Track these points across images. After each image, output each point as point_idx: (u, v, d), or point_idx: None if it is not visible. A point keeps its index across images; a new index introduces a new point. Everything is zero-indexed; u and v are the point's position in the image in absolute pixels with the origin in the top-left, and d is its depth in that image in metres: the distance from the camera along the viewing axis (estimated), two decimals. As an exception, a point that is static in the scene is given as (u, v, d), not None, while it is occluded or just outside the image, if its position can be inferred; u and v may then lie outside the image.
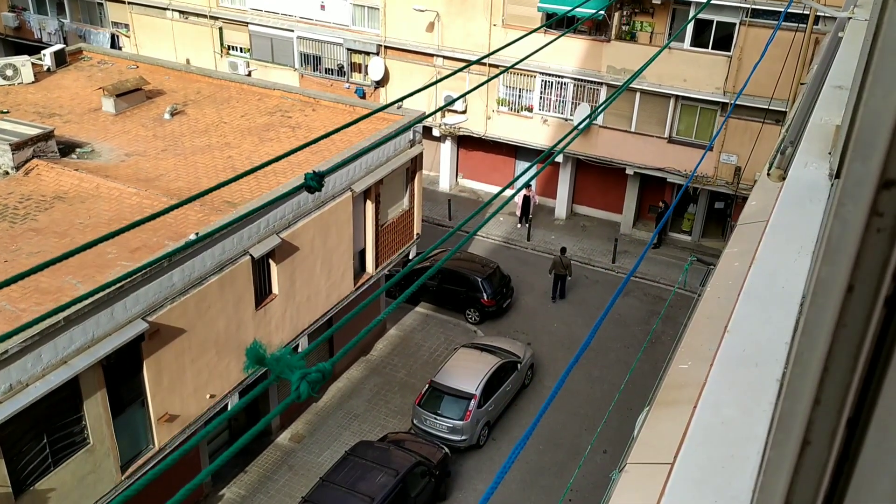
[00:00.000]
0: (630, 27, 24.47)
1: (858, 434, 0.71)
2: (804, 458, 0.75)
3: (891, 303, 0.66)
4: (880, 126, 0.60)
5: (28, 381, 11.62)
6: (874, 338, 0.68)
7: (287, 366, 1.49)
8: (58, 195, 15.78)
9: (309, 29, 28.23)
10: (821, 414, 0.73)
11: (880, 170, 0.63)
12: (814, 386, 0.72)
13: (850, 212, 0.64)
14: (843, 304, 0.68)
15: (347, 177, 17.67)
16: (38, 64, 21.90)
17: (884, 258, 0.65)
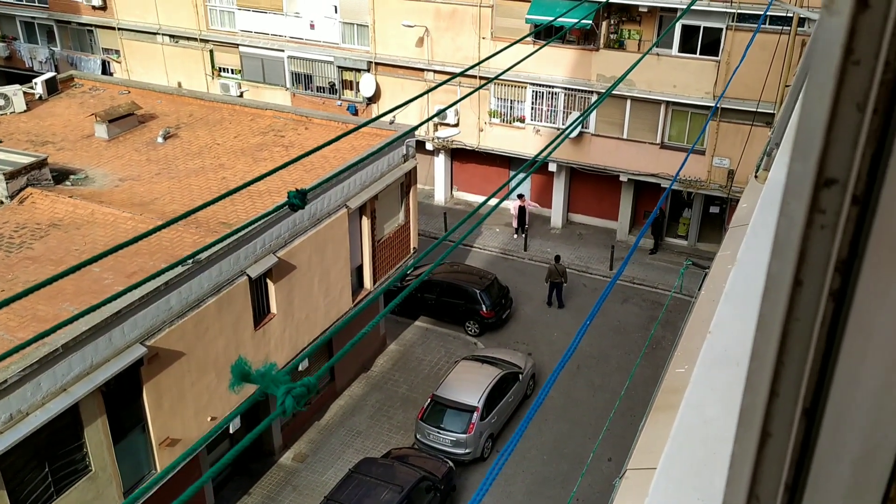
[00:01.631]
0: (618, 35, 24.64)
1: (816, 424, 0.74)
2: (766, 451, 0.77)
3: (837, 296, 0.69)
4: (816, 127, 0.63)
5: (28, 409, 11.58)
6: (825, 330, 0.70)
7: (272, 381, 1.51)
8: (53, 223, 15.80)
9: (299, 48, 28.38)
10: (780, 406, 0.75)
11: (820, 169, 0.65)
12: (771, 379, 0.74)
13: (795, 209, 0.67)
14: (794, 299, 0.70)
15: (342, 193, 17.71)
16: (30, 92, 21.99)
17: (828, 253, 0.67)
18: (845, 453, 0.73)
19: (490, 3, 25.36)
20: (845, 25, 0.60)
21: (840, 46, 0.61)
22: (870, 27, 0.60)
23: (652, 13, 23.73)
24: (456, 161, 28.95)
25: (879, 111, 0.62)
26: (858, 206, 0.65)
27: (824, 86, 0.62)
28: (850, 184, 0.65)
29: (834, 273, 0.68)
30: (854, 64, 0.62)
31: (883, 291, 0.66)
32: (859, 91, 0.62)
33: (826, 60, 0.61)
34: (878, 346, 0.68)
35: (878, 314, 0.67)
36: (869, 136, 0.63)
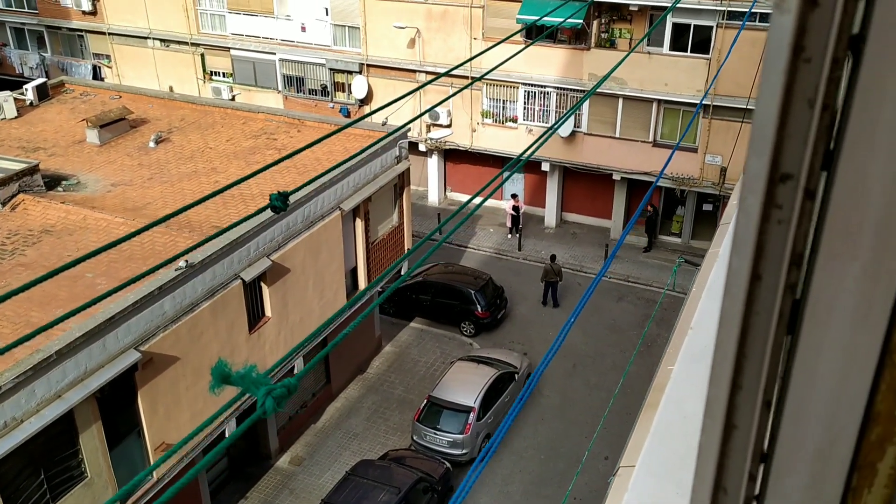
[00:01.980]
0: (609, 34, 24.69)
1: (778, 415, 0.75)
2: (731, 442, 0.78)
3: (795, 289, 0.70)
4: (769, 123, 0.65)
5: (22, 417, 11.55)
6: (784, 323, 0.72)
7: (252, 382, 1.52)
8: (45, 229, 15.76)
9: (291, 51, 28.36)
10: (743, 399, 0.76)
11: (775, 164, 0.67)
12: (734, 372, 0.76)
13: (752, 205, 0.68)
14: (753, 293, 0.71)
15: (336, 196, 17.71)
16: (21, 98, 21.91)
17: (785, 247, 0.69)
18: (807, 444, 0.74)
19: (481, 4, 25.39)
20: (795, 24, 0.61)
21: (790, 44, 0.62)
22: (819, 25, 0.61)
23: (642, 12, 23.79)
24: (449, 162, 28.97)
25: (830, 107, 0.63)
26: (812, 200, 0.67)
27: (776, 83, 0.63)
28: (806, 179, 0.66)
29: (791, 267, 0.70)
30: (805, 62, 0.63)
31: (837, 284, 0.67)
32: (810, 88, 0.63)
33: (777, 58, 0.63)
34: (835, 338, 0.69)
35: (834, 307, 0.68)
36: (821, 132, 0.64)
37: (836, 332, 0.69)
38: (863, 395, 0.70)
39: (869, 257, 0.65)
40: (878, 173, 0.62)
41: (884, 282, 0.65)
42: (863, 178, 0.63)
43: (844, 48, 0.61)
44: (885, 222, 0.63)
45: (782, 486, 0.77)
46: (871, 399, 0.71)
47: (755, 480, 0.79)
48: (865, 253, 0.65)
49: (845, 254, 0.66)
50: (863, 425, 0.72)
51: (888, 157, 0.61)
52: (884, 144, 0.61)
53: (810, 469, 0.75)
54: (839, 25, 0.61)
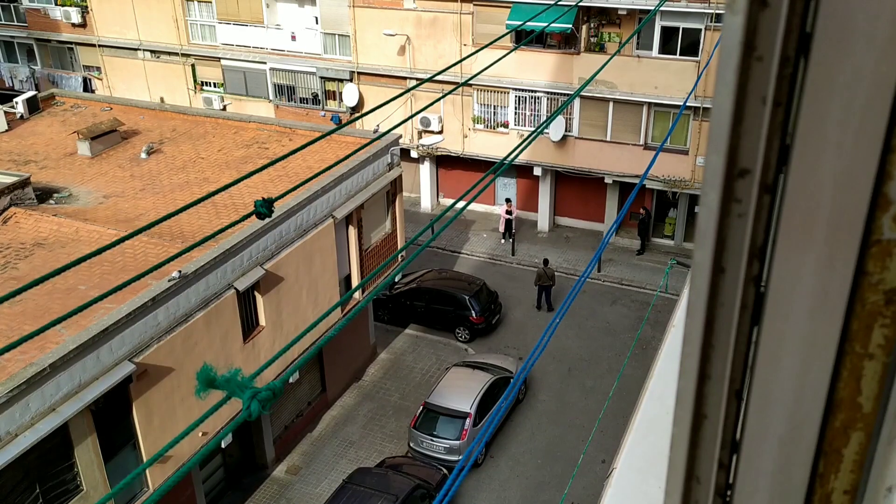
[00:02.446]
0: (598, 39, 24.81)
1: (746, 404, 0.77)
2: (702, 432, 0.80)
3: (757, 281, 0.72)
4: (725, 121, 0.67)
5: (17, 431, 11.50)
6: (748, 314, 0.74)
7: (237, 386, 1.53)
8: (37, 242, 15.72)
9: (281, 60, 28.39)
10: (712, 388, 0.79)
11: (733, 160, 0.69)
12: (702, 363, 0.78)
13: (713, 199, 0.70)
14: (717, 285, 0.73)
15: (328, 203, 17.72)
16: (11, 112, 21.89)
17: (746, 240, 0.71)
18: (773, 432, 0.76)
19: (470, 10, 25.49)
20: (746, 24, 0.64)
21: (742, 44, 0.64)
22: (769, 25, 0.64)
23: (631, 16, 23.91)
24: (441, 168, 29.01)
25: (783, 104, 0.66)
26: (770, 194, 0.69)
27: (729, 82, 0.65)
28: (762, 173, 0.68)
29: (753, 259, 0.72)
30: (757, 60, 0.65)
31: (795, 275, 0.69)
32: (763, 86, 0.65)
33: (730, 57, 0.65)
34: (795, 328, 0.71)
35: (793, 297, 0.70)
36: (775, 128, 0.67)
37: (796, 322, 0.71)
38: (824, 383, 0.72)
39: (823, 249, 0.67)
40: (829, 167, 0.64)
41: (839, 273, 0.68)
42: (815, 173, 0.65)
43: (794, 46, 0.64)
44: (836, 215, 0.66)
45: (752, 473, 0.79)
46: (833, 387, 0.73)
47: (726, 469, 0.81)
48: (820, 245, 0.67)
49: (802, 246, 0.68)
50: (826, 413, 0.74)
51: (838, 151, 0.64)
52: (833, 139, 0.63)
53: (777, 456, 0.77)
54: (788, 25, 0.63)
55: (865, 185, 0.64)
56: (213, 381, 1.52)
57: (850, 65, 0.61)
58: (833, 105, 0.63)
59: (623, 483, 1.49)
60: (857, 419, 0.74)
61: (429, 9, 25.93)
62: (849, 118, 0.62)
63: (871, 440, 0.73)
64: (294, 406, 18.97)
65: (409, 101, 25.71)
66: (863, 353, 0.71)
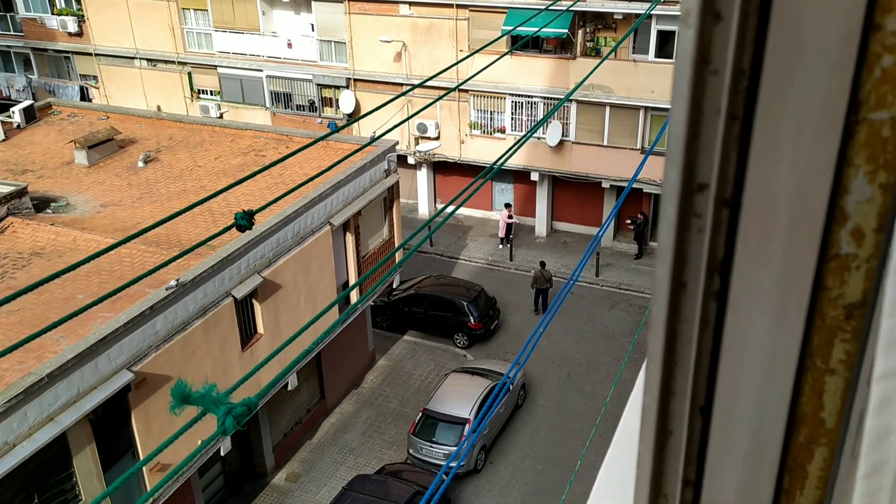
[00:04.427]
0: (594, 43, 24.86)
1: (709, 419, 0.76)
2: (668, 448, 0.80)
3: (720, 297, 0.71)
4: (681, 135, 0.66)
5: (15, 441, 11.46)
6: (710, 329, 0.73)
7: (213, 402, 1.52)
8: (35, 251, 15.71)
9: (277, 67, 28.43)
10: (677, 404, 0.78)
11: (690, 174, 0.68)
12: (666, 379, 0.77)
13: (672, 214, 0.69)
14: (679, 301, 0.73)
15: (325, 210, 17.72)
16: (8, 121, 21.89)
17: (707, 255, 0.70)
18: (736, 449, 0.75)
19: (466, 16, 25.54)
20: (700, 37, 0.63)
21: (697, 58, 0.64)
22: (723, 38, 0.63)
23: (627, 20, 23.96)
24: (438, 174, 29.03)
25: (739, 118, 0.65)
26: (729, 208, 0.68)
27: (685, 96, 0.65)
28: (719, 188, 0.68)
29: (713, 274, 0.71)
30: (713, 74, 0.65)
31: (755, 290, 0.68)
32: (719, 99, 0.65)
33: (685, 71, 0.64)
34: (756, 343, 0.70)
35: (753, 313, 0.69)
36: (732, 142, 0.66)
37: (757, 338, 0.70)
38: (786, 398, 0.71)
39: (782, 264, 0.66)
40: (784, 182, 0.64)
41: (797, 288, 0.67)
42: (771, 187, 0.64)
43: (749, 60, 0.63)
44: (793, 230, 0.65)
45: (717, 489, 0.79)
46: (796, 402, 0.72)
47: (693, 485, 0.81)
48: (778, 260, 0.66)
49: (760, 261, 0.67)
50: (790, 428, 0.73)
51: (792, 166, 0.63)
52: (788, 154, 0.63)
53: (742, 472, 0.77)
54: (742, 38, 0.62)
55: (821, 199, 0.63)
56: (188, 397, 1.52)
57: (801, 79, 0.60)
58: (786, 119, 0.62)
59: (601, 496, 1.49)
60: (820, 434, 0.73)
61: (424, 15, 25.98)
62: (802, 133, 0.62)
63: (835, 456, 0.73)
64: (293, 413, 18.94)
65: (405, 107, 25.74)
66: (824, 369, 0.70)
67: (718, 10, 0.62)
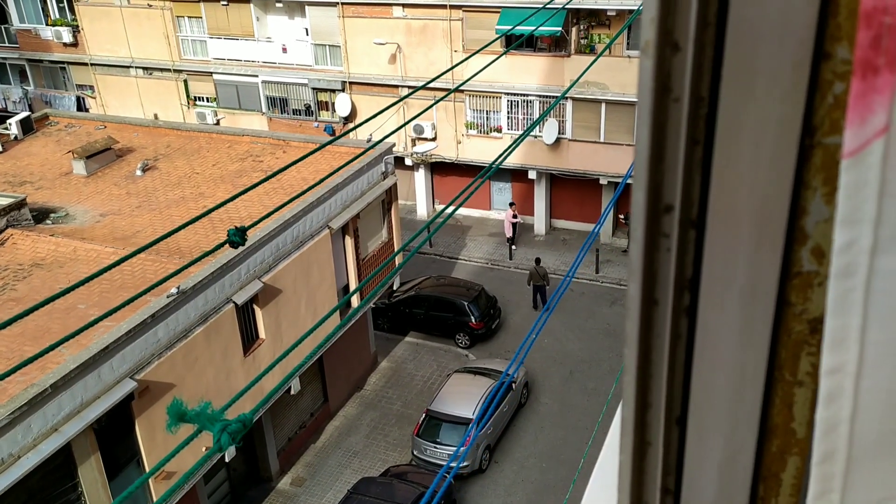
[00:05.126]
0: (588, 40, 24.88)
1: (684, 430, 0.79)
2: (647, 459, 0.82)
3: (690, 313, 0.74)
4: (645, 159, 0.69)
5: (20, 452, 11.49)
6: (683, 344, 0.75)
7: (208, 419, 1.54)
8: (35, 262, 15.73)
9: (273, 73, 28.46)
10: (653, 416, 0.80)
11: (657, 196, 0.70)
12: (642, 392, 0.79)
13: (640, 234, 0.72)
14: (652, 317, 0.75)
15: (324, 214, 17.75)
16: (5, 133, 21.93)
17: (676, 273, 0.73)
18: (712, 459, 0.78)
19: (460, 17, 25.56)
20: (659, 66, 0.66)
21: (657, 86, 0.66)
22: (682, 68, 0.65)
23: (620, 17, 23.98)
24: (436, 175, 29.06)
25: (701, 142, 0.67)
26: (695, 228, 0.70)
27: (648, 122, 0.67)
28: (685, 209, 0.70)
29: (683, 291, 0.73)
30: (674, 101, 0.67)
31: (722, 306, 0.71)
32: (681, 125, 0.67)
33: (646, 98, 0.67)
34: (725, 358, 0.73)
35: (721, 328, 0.72)
36: (695, 165, 0.68)
37: (726, 352, 0.73)
38: (756, 409, 0.74)
39: (746, 282, 0.69)
40: (745, 203, 0.66)
41: (762, 305, 0.69)
42: (733, 209, 0.67)
43: (707, 87, 0.66)
44: (756, 249, 0.67)
45: (695, 498, 0.81)
46: (767, 413, 0.75)
47: (673, 494, 0.83)
48: (742, 278, 0.69)
49: (725, 279, 0.70)
50: (763, 438, 0.76)
51: (751, 188, 0.65)
52: (747, 177, 0.65)
53: (718, 481, 0.79)
54: (699, 67, 0.65)
55: (780, 220, 0.65)
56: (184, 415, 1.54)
57: (756, 106, 0.63)
58: (743, 144, 0.64)
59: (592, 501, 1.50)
60: (792, 444, 0.75)
61: (418, 16, 26.01)
62: (759, 156, 0.64)
63: (807, 464, 0.75)
64: (297, 417, 18.97)
65: (401, 109, 25.76)
66: (793, 381, 0.72)
67: (676, 41, 0.64)
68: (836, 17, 0.59)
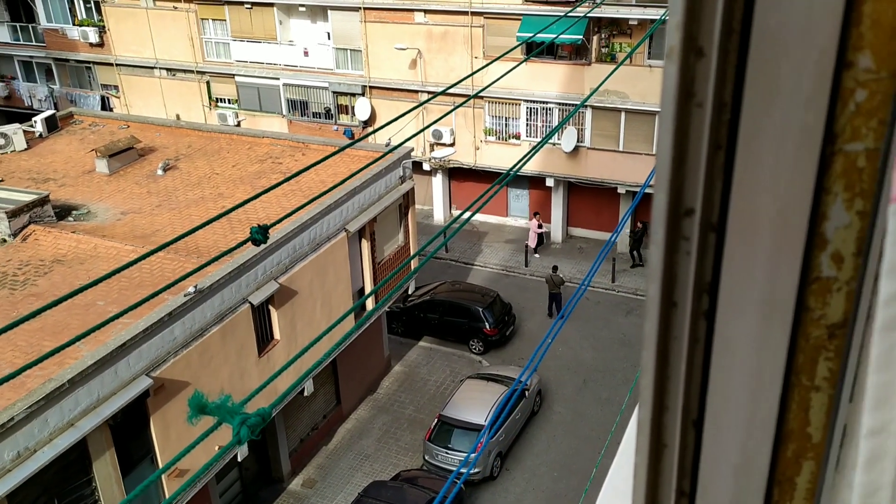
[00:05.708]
0: (609, 49, 24.84)
1: (703, 434, 0.79)
2: (663, 461, 0.83)
3: (709, 316, 0.75)
4: (667, 162, 0.70)
5: (36, 446, 11.61)
6: (701, 347, 0.76)
7: (228, 412, 1.56)
8: (56, 258, 15.92)
9: (294, 76, 28.66)
10: (670, 418, 0.81)
11: (678, 200, 0.72)
12: (659, 394, 0.80)
13: (662, 237, 0.73)
14: (670, 319, 0.76)
15: (341, 217, 17.82)
16: (30, 131, 22.22)
17: (695, 277, 0.73)
18: (727, 462, 0.78)
19: (481, 23, 25.62)
20: (683, 72, 0.67)
21: (681, 91, 0.67)
22: (705, 73, 0.66)
23: (642, 26, 23.93)
24: (453, 180, 29.10)
25: (723, 147, 0.68)
26: (715, 232, 0.71)
27: (671, 126, 0.68)
28: (706, 213, 0.71)
29: (702, 294, 0.74)
30: (697, 106, 0.68)
31: (740, 310, 0.72)
32: (703, 130, 0.68)
33: (669, 103, 0.68)
34: (743, 361, 0.73)
35: (739, 332, 0.72)
36: (717, 170, 0.69)
37: (743, 356, 0.73)
38: (773, 414, 0.74)
39: (765, 287, 0.70)
40: (766, 208, 0.67)
41: (781, 308, 0.70)
42: (753, 213, 0.68)
43: (731, 93, 0.67)
44: (775, 254, 0.68)
45: (710, 500, 0.81)
46: (783, 418, 0.75)
47: (688, 496, 0.84)
48: (762, 283, 0.70)
49: (744, 283, 0.70)
50: (778, 442, 0.76)
51: (772, 193, 0.66)
52: (767, 182, 0.66)
53: (733, 484, 0.80)
54: (723, 73, 0.66)
55: (801, 225, 0.66)
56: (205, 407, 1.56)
57: (778, 112, 0.64)
58: (765, 150, 0.65)
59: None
60: (807, 449, 0.76)
61: (440, 22, 26.10)
62: (780, 162, 0.65)
63: (822, 469, 0.76)
64: (309, 419, 19.03)
65: (420, 114, 25.84)
66: (810, 386, 0.73)
67: (700, 47, 0.65)
68: (858, 27, 0.60)
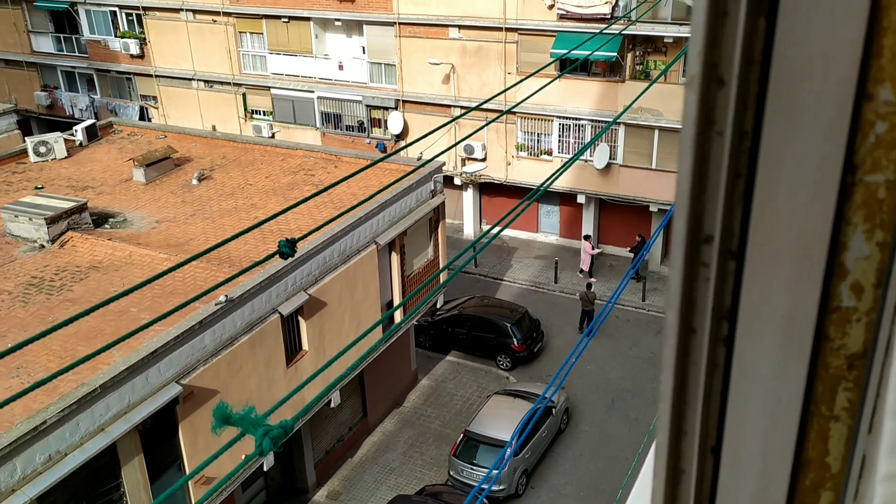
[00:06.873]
0: (644, 66, 24.74)
1: (720, 460, 0.79)
2: (680, 487, 0.83)
3: (728, 343, 0.75)
4: (687, 190, 0.70)
5: (67, 450, 11.80)
6: (720, 373, 0.76)
7: (251, 423, 1.58)
8: (92, 265, 16.24)
9: (328, 89, 28.99)
10: (688, 444, 0.81)
11: (697, 227, 0.72)
12: (678, 419, 0.80)
13: (681, 263, 0.73)
14: (689, 345, 0.76)
15: (371, 230, 17.93)
16: (71, 139, 22.75)
17: (715, 303, 0.74)
18: (745, 489, 0.78)
19: (515, 39, 25.70)
20: (703, 100, 0.67)
21: (701, 119, 0.68)
22: (726, 102, 0.67)
23: (677, 43, 23.81)
24: (484, 195, 29.12)
25: (743, 175, 0.69)
26: (735, 259, 0.72)
27: (691, 153, 0.69)
28: (725, 240, 0.71)
29: (721, 321, 0.74)
30: (718, 134, 0.69)
31: (759, 337, 0.72)
32: (723, 158, 0.69)
33: (690, 130, 0.68)
34: (761, 389, 0.73)
35: (758, 360, 0.72)
36: (736, 198, 0.70)
37: (762, 383, 0.73)
38: (791, 442, 0.74)
39: (784, 315, 0.70)
40: (785, 237, 0.67)
41: (800, 337, 0.70)
42: (773, 242, 0.68)
43: (752, 122, 0.67)
44: (795, 283, 0.68)
45: (727, 528, 0.81)
46: (801, 447, 0.75)
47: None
48: (781, 312, 0.70)
49: (764, 312, 0.70)
50: (796, 471, 0.76)
51: (791, 222, 0.66)
52: (786, 211, 0.66)
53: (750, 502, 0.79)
54: (743, 102, 0.66)
55: (820, 255, 0.66)
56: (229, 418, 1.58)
57: (798, 142, 0.64)
58: (785, 179, 0.66)
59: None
60: (826, 479, 0.75)
61: (474, 38, 26.24)
62: (799, 192, 0.65)
63: (840, 499, 0.75)
64: (335, 430, 19.08)
65: (453, 128, 25.95)
66: (829, 416, 0.72)
67: (721, 76, 0.66)
68: (879, 59, 0.60)
